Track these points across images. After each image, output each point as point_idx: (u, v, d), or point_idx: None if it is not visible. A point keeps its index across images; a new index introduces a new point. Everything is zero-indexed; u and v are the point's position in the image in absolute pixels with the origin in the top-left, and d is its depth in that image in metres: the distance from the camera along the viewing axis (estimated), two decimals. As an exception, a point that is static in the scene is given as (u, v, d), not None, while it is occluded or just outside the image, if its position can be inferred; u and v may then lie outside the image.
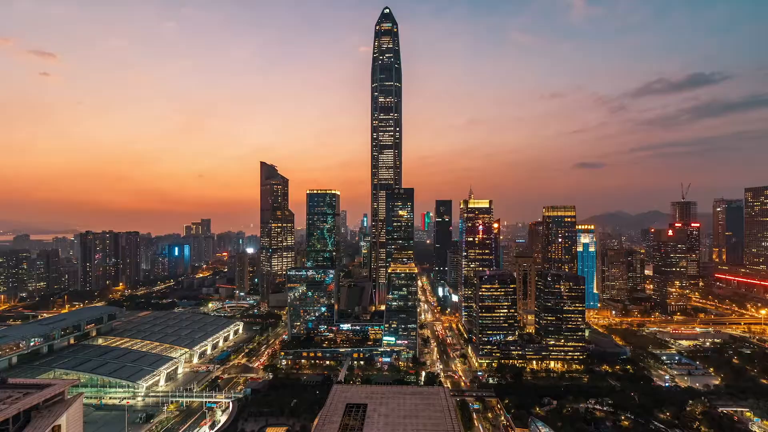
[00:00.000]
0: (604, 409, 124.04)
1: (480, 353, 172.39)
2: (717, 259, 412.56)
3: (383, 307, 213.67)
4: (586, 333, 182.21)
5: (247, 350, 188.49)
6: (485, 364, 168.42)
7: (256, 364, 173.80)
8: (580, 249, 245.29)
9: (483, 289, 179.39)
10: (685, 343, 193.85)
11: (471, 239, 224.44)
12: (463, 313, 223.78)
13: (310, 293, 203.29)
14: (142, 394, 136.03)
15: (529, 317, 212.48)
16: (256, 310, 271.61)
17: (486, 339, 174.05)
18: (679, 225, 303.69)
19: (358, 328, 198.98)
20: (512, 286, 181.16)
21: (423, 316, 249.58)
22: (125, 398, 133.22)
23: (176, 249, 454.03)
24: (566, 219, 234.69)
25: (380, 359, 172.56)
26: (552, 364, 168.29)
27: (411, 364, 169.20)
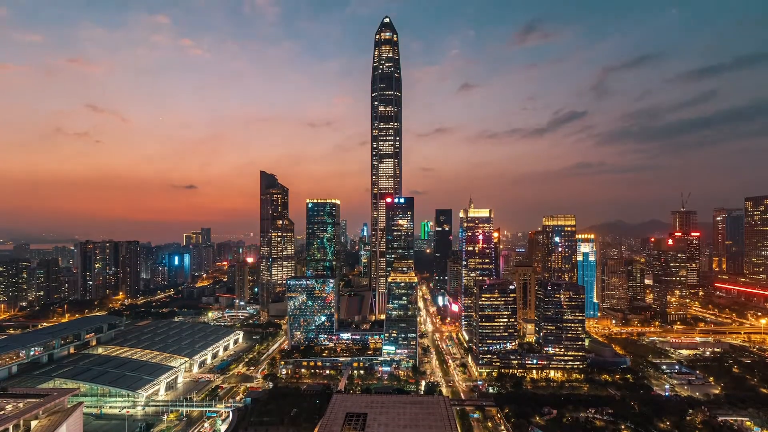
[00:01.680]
0: (604, 418, 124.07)
1: (480, 362, 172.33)
2: (717, 269, 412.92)
3: (383, 317, 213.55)
4: (586, 342, 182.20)
5: (247, 359, 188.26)
6: (485, 374, 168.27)
7: (256, 373, 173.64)
8: (580, 258, 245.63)
9: (483, 298, 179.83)
10: (685, 352, 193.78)
11: (471, 248, 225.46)
12: (463, 322, 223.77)
13: (310, 302, 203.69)
14: (142, 403, 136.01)
15: (529, 326, 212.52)
16: (256, 320, 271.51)
17: (486, 348, 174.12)
18: (679, 234, 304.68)
19: (358, 337, 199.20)
20: (512, 295, 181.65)
21: (423, 326, 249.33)
22: (125, 407, 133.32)
23: (176, 258, 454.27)
24: (566, 228, 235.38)
25: (380, 368, 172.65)
26: (552, 373, 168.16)
27: (411, 374, 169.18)
